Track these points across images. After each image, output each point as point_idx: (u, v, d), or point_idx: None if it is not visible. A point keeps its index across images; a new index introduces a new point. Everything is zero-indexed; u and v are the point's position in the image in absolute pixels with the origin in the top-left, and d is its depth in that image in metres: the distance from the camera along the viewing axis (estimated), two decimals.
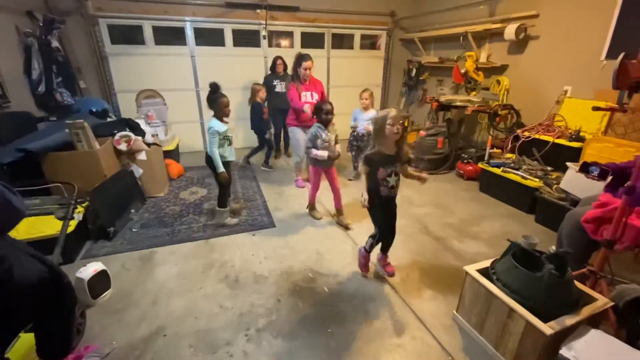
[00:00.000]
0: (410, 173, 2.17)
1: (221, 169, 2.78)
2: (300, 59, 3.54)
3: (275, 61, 4.64)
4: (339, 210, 3.15)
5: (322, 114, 2.83)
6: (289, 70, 4.54)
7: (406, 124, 5.55)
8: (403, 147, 2.10)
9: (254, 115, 4.37)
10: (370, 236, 2.30)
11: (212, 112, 2.80)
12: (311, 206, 3.29)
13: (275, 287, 2.26)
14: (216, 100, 2.71)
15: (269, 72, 4.92)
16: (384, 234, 2.26)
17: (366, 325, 1.94)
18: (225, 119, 2.79)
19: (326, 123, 2.87)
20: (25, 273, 1.30)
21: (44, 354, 1.50)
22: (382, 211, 2.17)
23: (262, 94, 4.31)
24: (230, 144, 2.88)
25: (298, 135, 3.76)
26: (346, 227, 3.04)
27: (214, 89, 2.73)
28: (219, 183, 2.95)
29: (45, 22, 3.75)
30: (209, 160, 2.83)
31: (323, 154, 2.84)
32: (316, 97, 3.64)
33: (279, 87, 4.61)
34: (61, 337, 1.55)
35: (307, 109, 3.46)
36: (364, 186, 2.10)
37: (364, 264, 2.39)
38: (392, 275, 2.37)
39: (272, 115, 4.65)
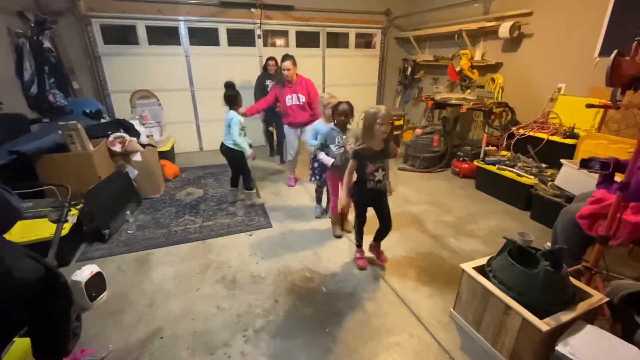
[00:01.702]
0: (394, 148, 2.23)
1: (249, 150, 3.09)
2: (280, 60, 3.57)
3: (268, 62, 4.62)
4: (344, 216, 2.94)
5: (336, 114, 2.58)
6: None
7: (402, 122, 5.55)
8: (390, 143, 2.16)
9: None
10: (353, 226, 2.42)
11: (224, 109, 3.13)
12: (334, 219, 2.90)
13: (273, 287, 2.26)
14: (237, 96, 3.06)
15: (262, 71, 4.89)
16: (361, 222, 2.37)
17: (364, 324, 1.94)
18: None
19: (341, 126, 2.62)
20: (24, 273, 1.30)
21: (40, 356, 1.48)
22: (361, 202, 2.31)
23: None
24: (245, 135, 3.16)
25: (288, 133, 3.82)
26: (347, 231, 2.93)
27: (232, 87, 3.08)
28: (243, 169, 3.29)
29: (36, 22, 3.70)
30: (228, 150, 3.16)
31: (328, 160, 2.64)
32: (303, 98, 3.60)
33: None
34: (57, 338, 1.54)
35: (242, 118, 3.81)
36: (345, 188, 2.21)
37: (358, 258, 2.48)
38: (384, 262, 2.46)
39: (266, 114, 4.65)
